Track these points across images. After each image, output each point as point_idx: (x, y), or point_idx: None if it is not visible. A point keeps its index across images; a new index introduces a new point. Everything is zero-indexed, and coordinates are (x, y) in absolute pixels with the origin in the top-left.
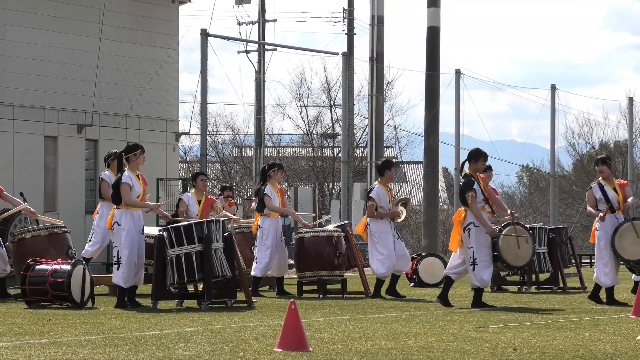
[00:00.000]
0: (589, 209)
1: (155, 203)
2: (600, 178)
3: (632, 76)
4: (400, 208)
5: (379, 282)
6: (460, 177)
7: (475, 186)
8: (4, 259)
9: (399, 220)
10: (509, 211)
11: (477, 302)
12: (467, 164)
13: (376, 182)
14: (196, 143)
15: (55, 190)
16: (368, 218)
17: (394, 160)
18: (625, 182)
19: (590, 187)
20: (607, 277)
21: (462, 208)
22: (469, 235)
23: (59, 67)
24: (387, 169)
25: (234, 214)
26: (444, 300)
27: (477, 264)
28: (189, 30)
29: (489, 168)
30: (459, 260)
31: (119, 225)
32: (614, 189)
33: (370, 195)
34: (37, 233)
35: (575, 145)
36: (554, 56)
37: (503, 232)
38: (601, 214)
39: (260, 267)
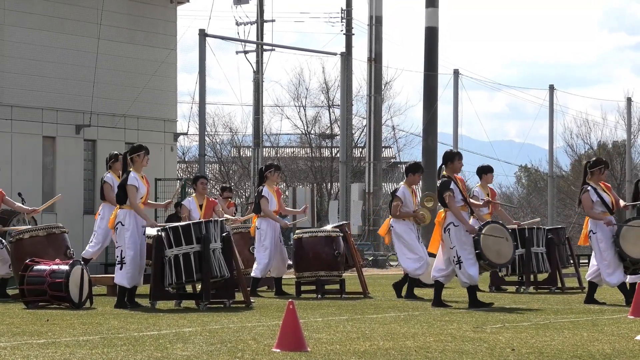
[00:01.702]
0: (589, 212)
1: (153, 222)
2: (592, 181)
3: (630, 76)
4: (423, 211)
5: (412, 280)
6: (437, 180)
7: (452, 186)
8: (4, 259)
9: (423, 224)
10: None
11: (473, 301)
12: (443, 167)
13: (402, 183)
14: (194, 143)
15: (54, 191)
16: (392, 219)
17: (420, 164)
18: (608, 184)
19: (587, 190)
20: (611, 277)
21: (442, 209)
22: (450, 235)
23: (57, 67)
24: (411, 172)
25: (234, 215)
26: (439, 304)
27: (462, 262)
28: (187, 31)
29: (490, 169)
30: (445, 264)
31: (123, 225)
32: (604, 191)
33: (396, 194)
34: (35, 233)
35: (574, 145)
36: (552, 57)
37: (483, 231)
38: (607, 220)
39: (260, 268)
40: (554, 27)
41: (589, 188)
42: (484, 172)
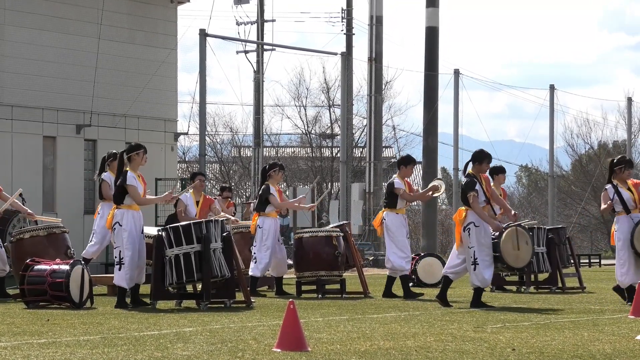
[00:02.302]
0: (602, 208)
1: (164, 195)
2: (617, 179)
3: (630, 76)
4: (438, 182)
5: (405, 280)
6: (463, 176)
7: (477, 187)
8: (3, 259)
9: (438, 193)
10: (512, 212)
11: (477, 301)
12: (470, 164)
13: (395, 176)
14: (195, 143)
15: (54, 191)
16: (385, 212)
17: (414, 158)
18: (638, 181)
19: (605, 189)
20: (624, 277)
21: (463, 207)
22: (469, 234)
23: (57, 67)
24: (403, 165)
25: (233, 215)
26: (442, 299)
27: (478, 264)
28: (187, 31)
29: (503, 170)
30: (458, 260)
31: (120, 225)
32: (628, 189)
33: (394, 186)
34: (35, 233)
35: (574, 145)
36: (552, 57)
37: (503, 238)
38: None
39: (261, 267)
40: (554, 27)
41: (608, 186)
42: (496, 172)
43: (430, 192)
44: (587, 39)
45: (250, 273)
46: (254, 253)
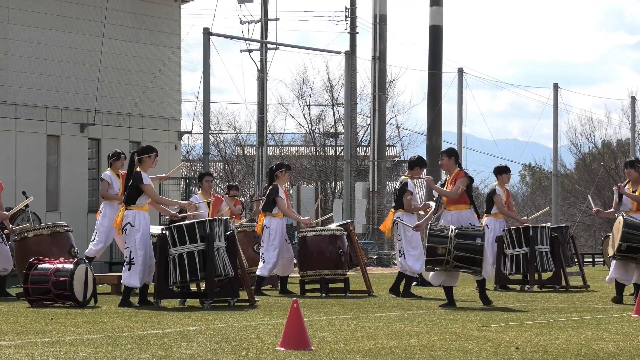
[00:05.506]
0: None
1: (180, 202)
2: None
3: (633, 75)
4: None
5: (409, 279)
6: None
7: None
8: (8, 258)
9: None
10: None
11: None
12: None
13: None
14: (198, 142)
15: (58, 189)
16: (398, 214)
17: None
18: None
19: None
20: None
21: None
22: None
23: (61, 66)
24: (418, 166)
25: (240, 213)
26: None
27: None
28: (191, 29)
29: (507, 170)
30: None
31: (132, 226)
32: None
33: (407, 188)
34: (39, 232)
35: (578, 144)
36: (555, 55)
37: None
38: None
39: (268, 267)
40: (557, 25)
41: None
42: (500, 172)
43: (426, 211)
44: (590, 37)
45: (257, 272)
46: (262, 253)
